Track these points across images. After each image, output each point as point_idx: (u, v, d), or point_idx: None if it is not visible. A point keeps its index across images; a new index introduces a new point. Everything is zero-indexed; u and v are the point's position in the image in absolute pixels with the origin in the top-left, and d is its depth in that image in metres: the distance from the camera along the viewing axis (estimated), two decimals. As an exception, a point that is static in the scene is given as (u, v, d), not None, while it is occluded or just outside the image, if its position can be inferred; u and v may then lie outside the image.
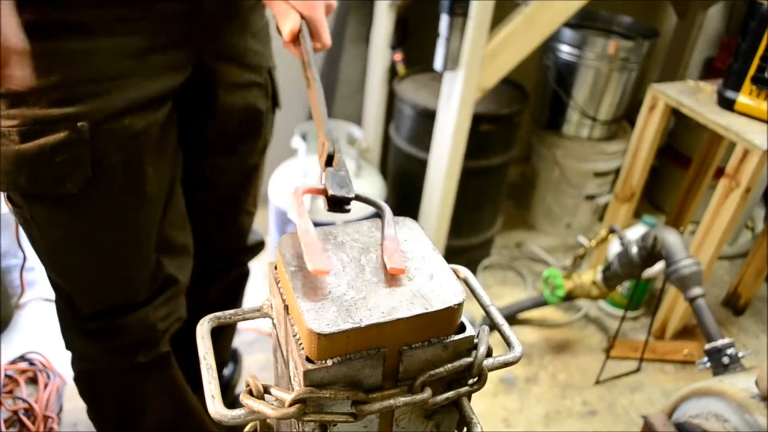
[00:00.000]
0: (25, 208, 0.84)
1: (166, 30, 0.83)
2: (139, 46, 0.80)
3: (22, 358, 1.62)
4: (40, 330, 1.75)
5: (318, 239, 0.51)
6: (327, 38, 0.80)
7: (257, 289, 1.92)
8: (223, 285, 1.31)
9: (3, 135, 0.76)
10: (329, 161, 0.61)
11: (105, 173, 0.82)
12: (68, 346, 1.04)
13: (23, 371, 1.58)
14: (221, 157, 1.08)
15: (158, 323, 1.01)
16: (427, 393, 0.48)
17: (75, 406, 1.55)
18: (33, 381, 1.57)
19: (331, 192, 0.57)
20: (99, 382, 1.08)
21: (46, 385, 1.54)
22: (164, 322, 1.02)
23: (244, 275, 1.36)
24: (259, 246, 1.32)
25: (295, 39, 0.77)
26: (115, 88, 0.79)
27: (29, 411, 1.47)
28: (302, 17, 0.77)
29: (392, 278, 0.50)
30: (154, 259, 0.96)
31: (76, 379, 1.08)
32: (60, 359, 1.63)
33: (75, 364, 1.06)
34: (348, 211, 0.58)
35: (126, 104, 0.81)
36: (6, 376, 1.55)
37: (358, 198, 0.59)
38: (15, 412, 1.45)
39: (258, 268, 1.93)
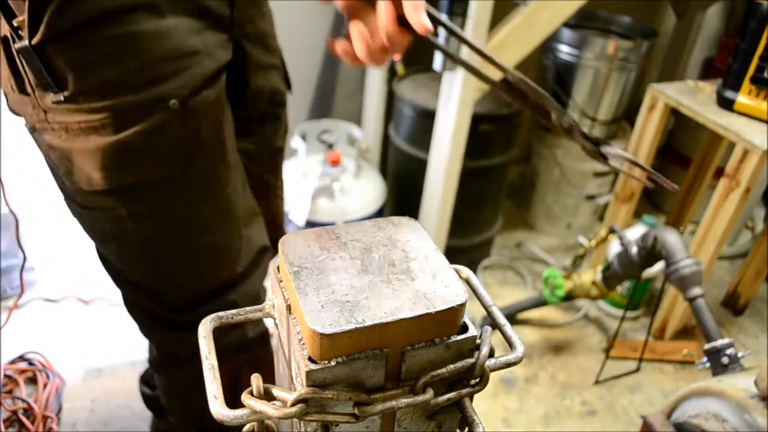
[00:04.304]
0: (120, 205, 0.83)
1: (209, 11, 0.85)
2: (196, 25, 0.83)
3: (21, 358, 1.62)
4: (39, 330, 1.75)
5: None
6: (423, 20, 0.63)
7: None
8: None
9: (95, 130, 0.76)
10: None
11: (198, 147, 0.84)
12: (157, 346, 1.05)
13: (23, 371, 1.58)
14: (249, 138, 1.09)
15: (261, 292, 1.03)
16: (429, 394, 0.48)
17: (74, 405, 1.55)
18: (32, 381, 1.57)
19: None
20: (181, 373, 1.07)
21: (45, 385, 1.54)
22: (265, 292, 1.04)
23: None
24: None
25: None
26: (190, 64, 0.81)
27: (28, 411, 1.46)
28: None
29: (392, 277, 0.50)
30: (245, 229, 0.98)
31: (156, 372, 1.10)
32: (59, 359, 1.63)
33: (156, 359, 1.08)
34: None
35: (202, 77, 0.83)
36: (5, 376, 1.55)
37: None
38: (14, 412, 1.45)
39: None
